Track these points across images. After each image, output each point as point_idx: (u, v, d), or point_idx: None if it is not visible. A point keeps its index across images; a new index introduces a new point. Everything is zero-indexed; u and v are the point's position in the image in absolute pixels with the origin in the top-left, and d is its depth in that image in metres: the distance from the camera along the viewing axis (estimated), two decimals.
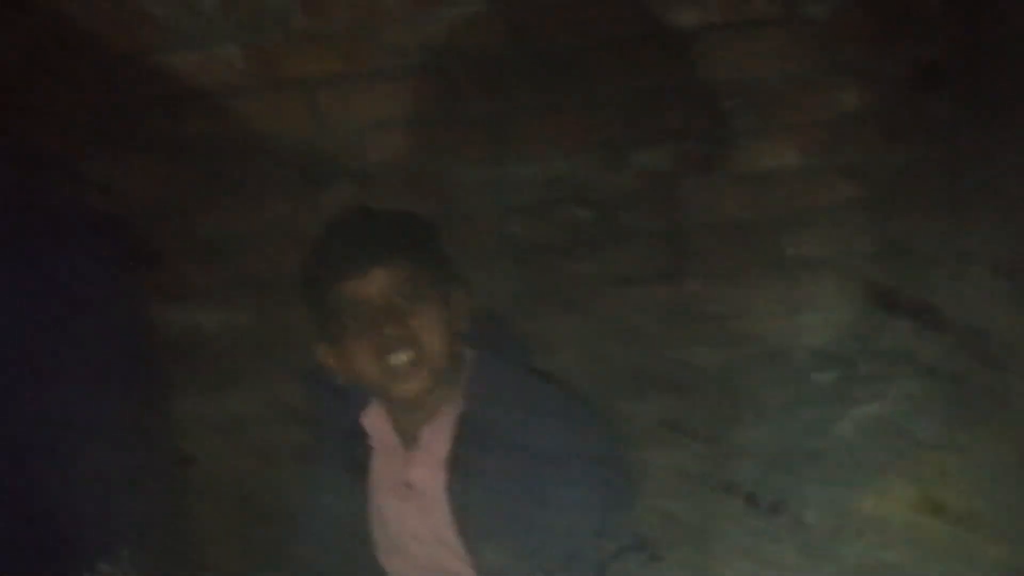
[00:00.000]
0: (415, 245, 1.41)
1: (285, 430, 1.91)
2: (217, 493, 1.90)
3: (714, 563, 1.74)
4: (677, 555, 1.47)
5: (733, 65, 2.03)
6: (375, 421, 1.46)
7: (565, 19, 1.99)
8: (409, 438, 1.44)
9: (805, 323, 2.11)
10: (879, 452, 1.86)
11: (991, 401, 1.87)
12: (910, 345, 1.99)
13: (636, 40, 2.02)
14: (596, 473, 1.36)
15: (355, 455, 1.47)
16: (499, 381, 1.42)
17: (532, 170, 2.05)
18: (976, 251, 2.02)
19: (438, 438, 1.41)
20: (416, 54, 2.00)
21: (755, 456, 1.93)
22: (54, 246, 1.48)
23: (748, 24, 2.02)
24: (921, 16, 1.99)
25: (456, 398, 1.42)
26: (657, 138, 2.05)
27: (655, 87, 2.04)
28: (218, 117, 1.99)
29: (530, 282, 2.09)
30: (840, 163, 2.07)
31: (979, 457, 1.78)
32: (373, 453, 1.47)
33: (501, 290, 2.04)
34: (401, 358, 1.35)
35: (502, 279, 2.06)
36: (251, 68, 1.99)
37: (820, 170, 2.07)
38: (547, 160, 2.05)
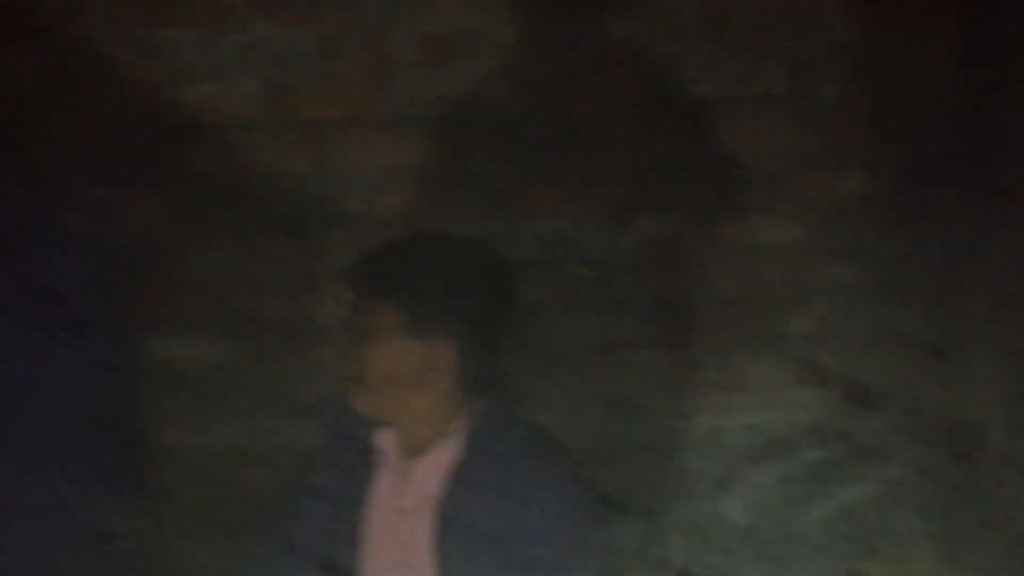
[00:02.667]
0: (424, 293, 1.44)
1: (269, 466, 1.89)
2: (197, 524, 1.87)
3: None
4: None
5: (740, 139, 2.07)
6: (386, 440, 1.49)
7: (577, 83, 2.03)
8: (407, 463, 1.46)
9: (793, 399, 2.11)
10: (877, 522, 1.85)
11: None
12: (879, 439, 2.00)
13: (646, 108, 2.06)
14: (579, 549, 1.37)
15: (361, 470, 1.48)
16: (500, 440, 1.44)
17: (534, 228, 2.06)
18: (975, 339, 2.03)
19: (430, 476, 1.44)
20: (427, 106, 2.02)
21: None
22: (53, 269, 1.48)
23: (757, 100, 2.06)
24: (927, 104, 2.04)
25: (455, 443, 1.44)
26: (660, 205, 2.07)
27: (661, 155, 2.07)
28: (226, 152, 2.00)
29: (525, 339, 2.09)
30: (837, 244, 2.09)
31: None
32: (379, 472, 1.48)
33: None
34: (366, 380, 1.41)
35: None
36: (263, 106, 2.01)
37: (818, 249, 2.09)
38: (550, 219, 2.07)
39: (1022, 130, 1.79)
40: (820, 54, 2.03)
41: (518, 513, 1.37)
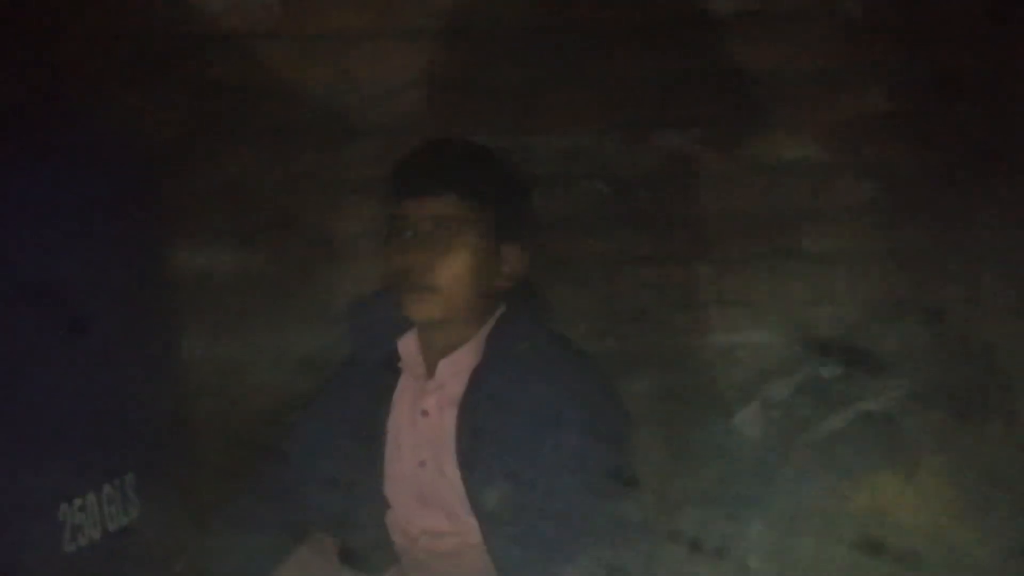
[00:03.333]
0: (478, 188, 1.44)
1: (292, 374, 1.92)
2: (223, 432, 1.91)
3: None
4: None
5: (764, 55, 2.05)
6: (409, 345, 1.50)
7: None
8: (430, 368, 1.47)
9: (813, 316, 2.12)
10: (889, 436, 1.86)
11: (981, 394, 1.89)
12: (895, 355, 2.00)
13: (670, 22, 2.03)
14: (598, 448, 1.38)
15: (383, 377, 1.50)
16: (519, 338, 1.45)
17: (555, 142, 2.06)
18: (986, 258, 2.03)
19: (455, 378, 1.45)
20: (449, 16, 2.00)
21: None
22: (78, 176, 1.48)
23: (782, 15, 2.04)
24: (952, 21, 2.01)
25: (478, 346, 1.45)
26: (682, 121, 2.06)
27: (684, 70, 2.05)
28: (249, 62, 2.00)
29: (544, 253, 2.10)
30: (861, 161, 2.08)
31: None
32: (401, 376, 1.50)
33: None
34: (419, 282, 1.40)
35: None
36: (286, 16, 1.99)
37: (840, 167, 2.09)
38: (570, 134, 2.06)
39: None
40: None
41: (537, 417, 1.38)
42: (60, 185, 1.45)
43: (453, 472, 1.41)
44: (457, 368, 1.45)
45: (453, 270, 1.40)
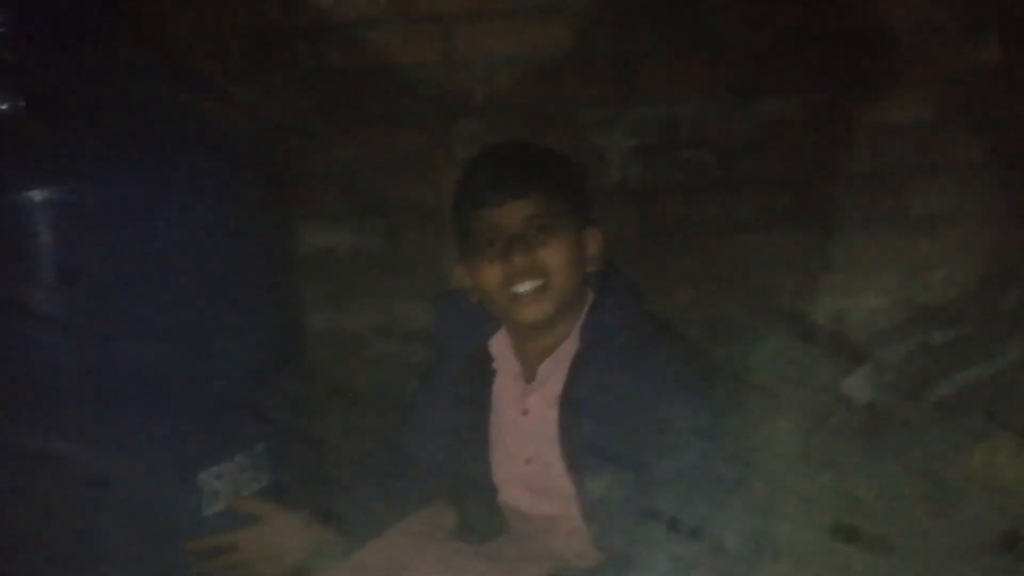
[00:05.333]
0: (554, 181, 1.45)
1: (407, 347, 2.01)
2: (342, 402, 2.02)
3: None
4: None
5: (869, 16, 2.01)
6: (501, 347, 1.52)
7: None
8: (529, 368, 1.50)
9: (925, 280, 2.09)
10: (1006, 399, 1.84)
11: None
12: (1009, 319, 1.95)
13: None
14: (698, 426, 1.40)
15: (478, 378, 1.54)
16: (612, 325, 1.46)
17: (657, 112, 2.08)
18: None
19: (554, 375, 1.47)
20: None
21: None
22: (200, 161, 1.57)
23: None
24: None
25: (575, 337, 1.47)
26: (785, 86, 2.05)
27: (786, 34, 2.04)
28: (357, 48, 2.08)
29: (649, 223, 2.13)
30: (973, 120, 2.03)
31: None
32: (496, 377, 1.53)
33: (620, 229, 2.09)
34: (527, 286, 1.42)
35: (621, 218, 2.10)
36: (392, 2, 2.07)
37: (950, 126, 2.04)
38: (672, 102, 2.08)
39: None
40: None
41: (639, 402, 1.39)
42: (188, 176, 1.55)
43: (559, 468, 1.44)
44: (557, 364, 1.47)
45: (558, 263, 1.42)
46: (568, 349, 1.47)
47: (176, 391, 1.46)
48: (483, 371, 1.53)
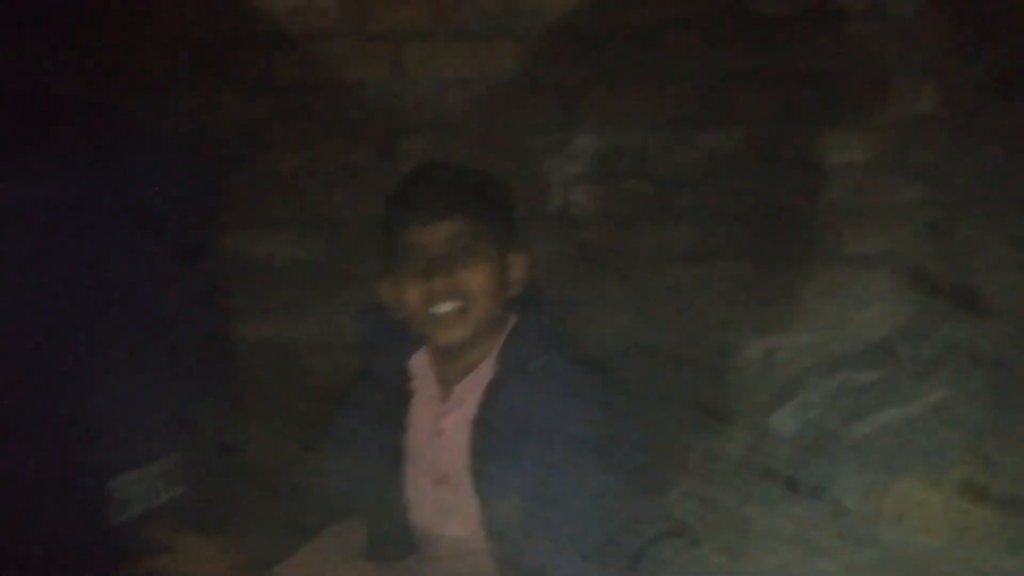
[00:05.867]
0: (481, 203, 1.46)
1: (337, 361, 2.02)
2: (268, 412, 2.02)
3: (753, 549, 1.76)
4: (716, 541, 1.48)
5: (812, 55, 2.05)
6: (421, 365, 1.53)
7: None
8: (447, 388, 1.51)
9: (858, 317, 2.12)
10: (922, 438, 1.86)
11: None
12: (958, 335, 1.98)
13: (716, 21, 2.05)
14: (613, 455, 1.39)
15: (397, 395, 1.55)
16: (530, 350, 1.46)
17: (600, 140, 2.10)
18: None
19: (470, 396, 1.47)
20: (501, 18, 2.06)
21: (795, 442, 1.95)
22: (140, 166, 1.57)
23: (831, 15, 2.03)
24: (1008, 21, 1.97)
25: (493, 359, 1.47)
26: (726, 121, 2.07)
27: (731, 70, 2.07)
28: (307, 62, 2.09)
29: (588, 250, 2.15)
30: (909, 163, 2.07)
31: (1022, 444, 1.77)
32: (415, 395, 1.54)
33: (559, 255, 2.11)
34: (446, 307, 1.43)
35: (561, 245, 2.12)
36: (343, 17, 2.08)
37: (888, 168, 2.08)
38: (617, 132, 2.10)
39: None
40: None
41: (551, 428, 1.39)
42: (118, 182, 1.55)
43: (469, 489, 1.44)
44: (473, 386, 1.47)
45: (479, 286, 1.42)
46: (485, 371, 1.48)
47: (88, 395, 1.46)
48: (402, 389, 1.54)
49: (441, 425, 1.50)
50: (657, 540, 1.35)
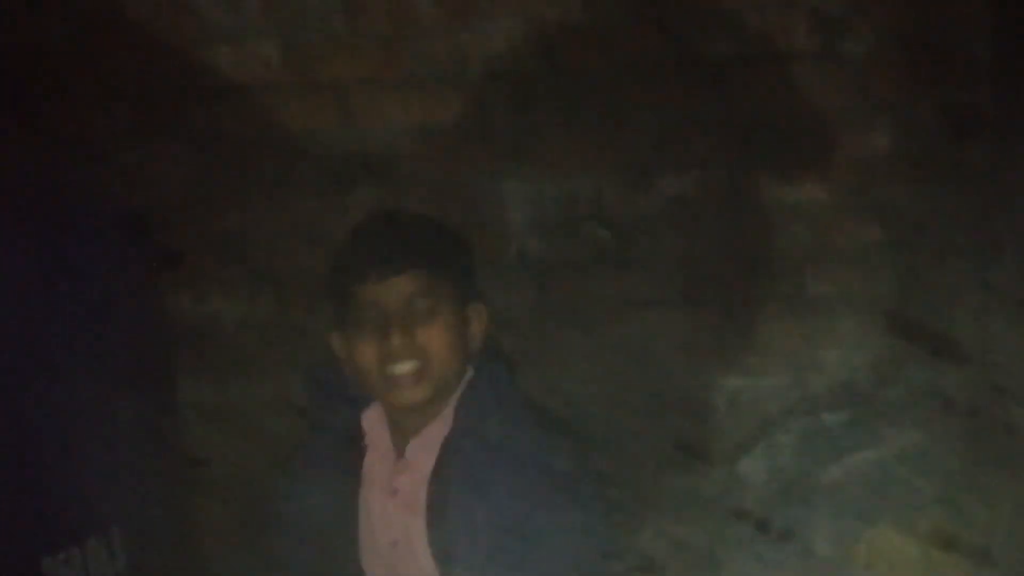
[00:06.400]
0: (438, 254, 1.40)
1: (291, 423, 1.94)
2: (217, 482, 1.94)
3: None
4: None
5: (765, 98, 2.03)
6: (373, 422, 1.46)
7: (599, 42, 2.01)
8: (400, 444, 1.44)
9: (823, 357, 2.09)
10: (893, 484, 1.83)
11: (1009, 437, 1.84)
12: (928, 378, 1.97)
13: (669, 67, 2.03)
14: (572, 515, 1.35)
15: (350, 452, 1.49)
16: (486, 405, 1.41)
17: (556, 187, 2.06)
18: (1002, 288, 1.99)
19: (425, 453, 1.42)
20: (449, 65, 2.02)
21: (767, 484, 1.92)
22: (75, 233, 1.51)
23: (783, 57, 2.02)
24: (960, 61, 1.98)
25: (449, 415, 1.42)
26: (683, 165, 2.05)
27: (684, 114, 2.04)
28: (251, 113, 2.03)
29: (546, 298, 2.10)
30: (867, 203, 2.06)
31: (994, 493, 1.76)
32: (367, 452, 1.48)
33: (517, 304, 2.06)
34: (404, 368, 1.36)
35: (518, 294, 2.07)
36: (287, 67, 2.03)
37: (846, 208, 2.06)
38: (571, 179, 2.06)
39: None
40: (849, 8, 1.98)
41: (507, 485, 1.35)
42: (54, 241, 1.48)
43: (425, 552, 1.38)
44: (427, 443, 1.41)
45: (438, 344, 1.36)
46: (441, 427, 1.42)
47: (18, 468, 1.37)
48: (354, 446, 1.47)
49: (396, 484, 1.43)
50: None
